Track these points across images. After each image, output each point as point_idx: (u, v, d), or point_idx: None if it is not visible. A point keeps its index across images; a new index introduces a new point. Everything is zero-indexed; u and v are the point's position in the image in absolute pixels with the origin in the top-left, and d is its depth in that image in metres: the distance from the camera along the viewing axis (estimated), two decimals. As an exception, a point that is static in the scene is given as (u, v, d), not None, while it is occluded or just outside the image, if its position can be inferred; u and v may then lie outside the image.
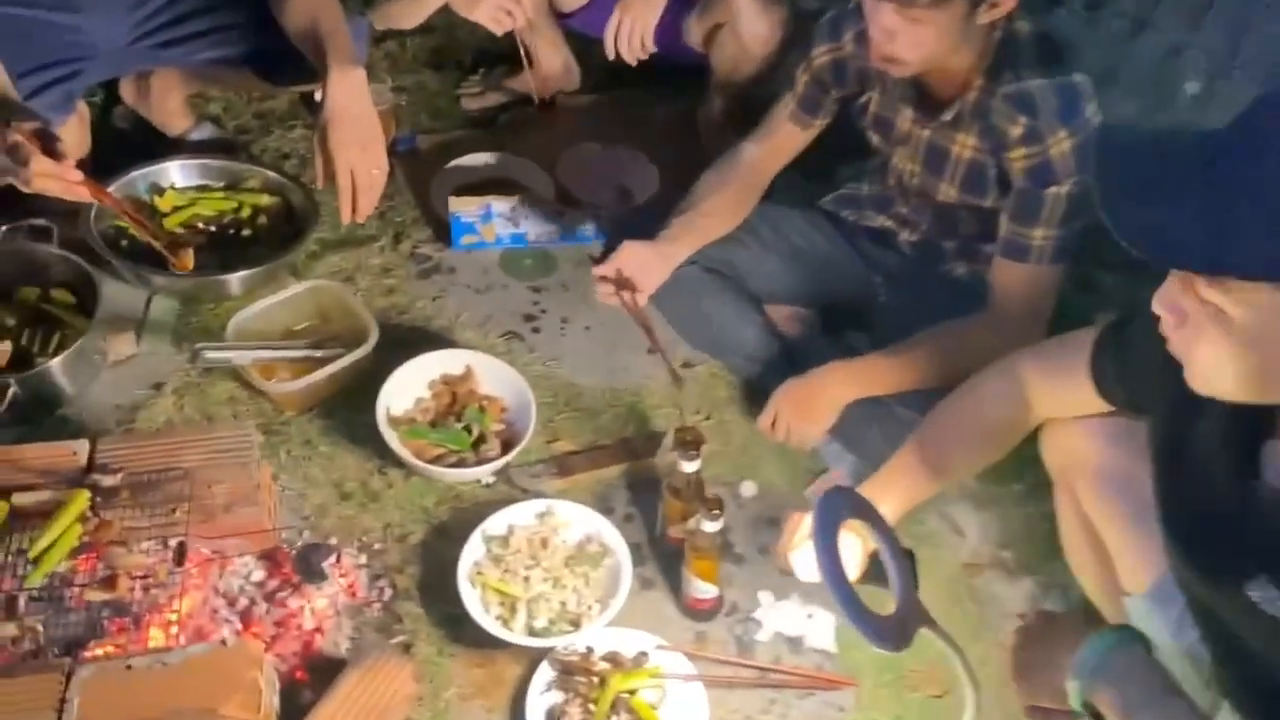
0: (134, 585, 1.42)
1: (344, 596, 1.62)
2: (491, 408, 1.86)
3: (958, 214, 1.80)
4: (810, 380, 1.74)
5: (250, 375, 1.84)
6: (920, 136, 1.76)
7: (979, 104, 1.64)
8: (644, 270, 1.87)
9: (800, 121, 1.92)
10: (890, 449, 1.68)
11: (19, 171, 1.60)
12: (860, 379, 1.71)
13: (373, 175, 1.83)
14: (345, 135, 1.79)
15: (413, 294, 2.11)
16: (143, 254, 2.00)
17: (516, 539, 1.66)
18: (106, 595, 1.39)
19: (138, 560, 1.43)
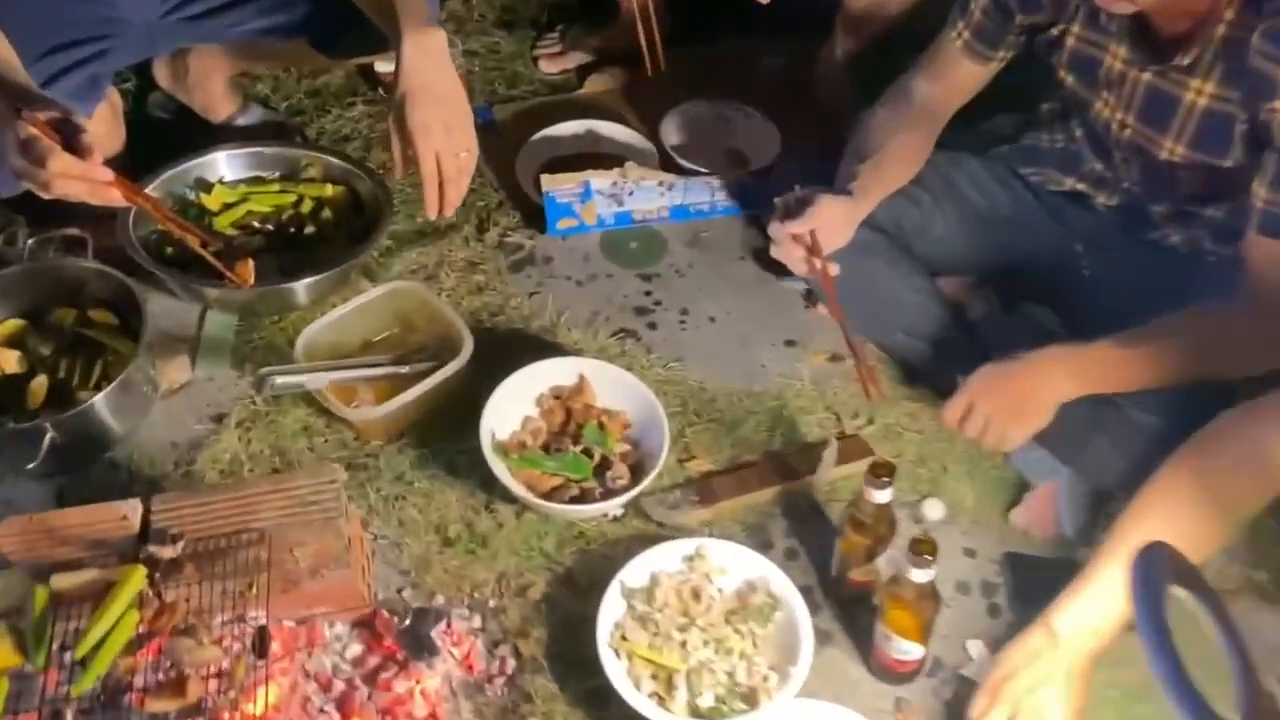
0: (207, 685, 1.13)
1: (459, 671, 1.33)
2: (613, 424, 1.55)
3: (1177, 174, 1.44)
4: (1019, 369, 1.38)
5: (327, 401, 1.55)
6: (1138, 80, 1.39)
7: (1228, 41, 1.28)
8: (832, 231, 1.55)
9: (976, 55, 1.57)
10: (1123, 464, 1.36)
11: (35, 173, 1.31)
12: (1089, 373, 1.36)
13: (461, 159, 1.54)
14: (428, 114, 1.49)
15: (506, 291, 1.80)
16: (193, 262, 1.72)
17: (663, 591, 1.35)
18: (175, 704, 1.10)
19: (210, 654, 1.14)
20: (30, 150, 1.29)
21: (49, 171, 1.30)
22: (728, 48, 2.17)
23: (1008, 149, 1.69)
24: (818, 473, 1.52)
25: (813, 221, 1.51)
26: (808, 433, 1.61)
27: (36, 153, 1.29)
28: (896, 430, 1.60)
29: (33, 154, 1.29)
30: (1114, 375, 1.35)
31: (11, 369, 1.59)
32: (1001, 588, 1.44)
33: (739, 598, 1.36)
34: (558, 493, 1.48)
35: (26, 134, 1.30)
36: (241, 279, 1.51)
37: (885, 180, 1.61)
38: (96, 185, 1.34)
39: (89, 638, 1.13)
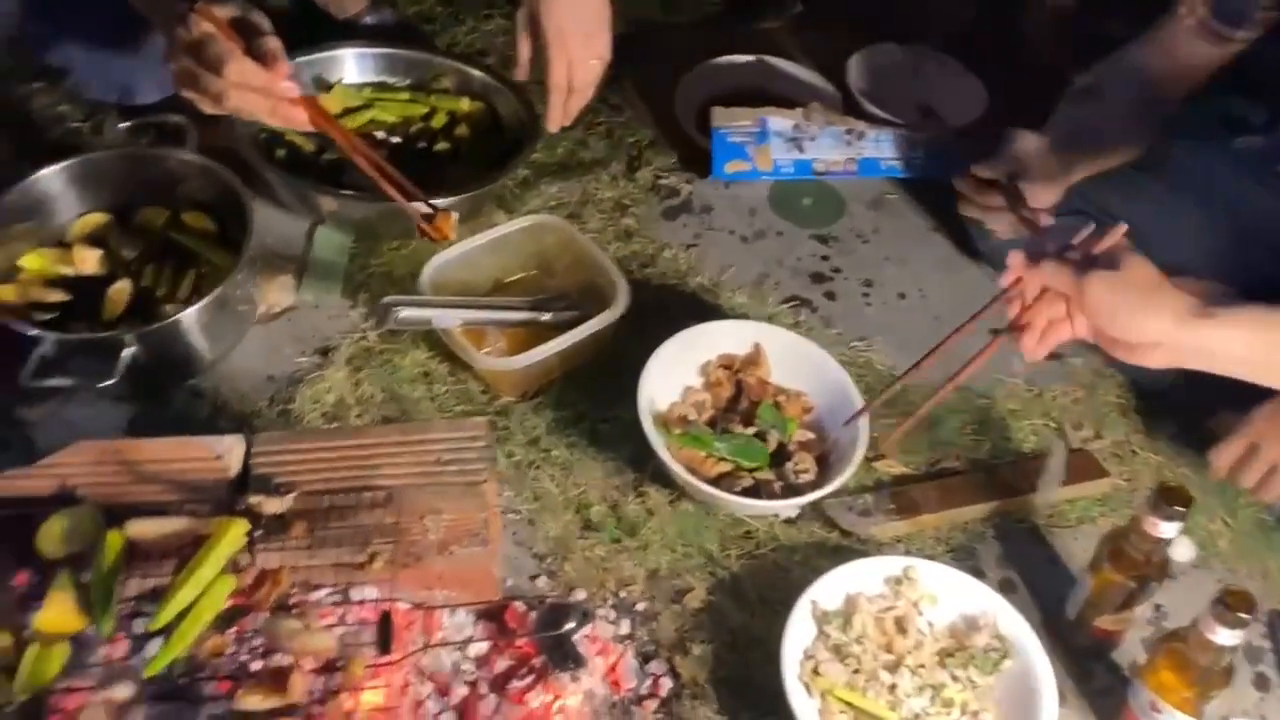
0: (312, 682, 0.88)
1: (603, 687, 1.07)
2: (791, 406, 1.29)
3: None
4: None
5: (456, 344, 1.30)
6: None
7: None
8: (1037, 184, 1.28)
9: (1212, 35, 1.31)
10: None
11: (206, 80, 1.07)
12: None
13: (590, 67, 1.34)
14: (566, 15, 1.30)
15: (659, 239, 1.54)
16: (309, 168, 1.48)
17: (861, 618, 1.09)
18: (272, 702, 0.85)
19: (320, 643, 0.89)
20: (203, 52, 1.06)
21: (225, 79, 1.07)
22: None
23: (1261, 141, 1.41)
24: (1040, 490, 1.25)
25: (1010, 164, 1.24)
26: (1022, 441, 1.34)
27: (211, 55, 1.06)
28: (1131, 449, 1.33)
29: (206, 57, 1.06)
30: None
31: (90, 269, 1.36)
32: (1270, 654, 1.17)
33: (954, 635, 1.10)
34: (725, 481, 1.22)
35: (201, 32, 1.07)
36: (441, 234, 1.27)
37: (1100, 155, 1.36)
38: (279, 102, 1.10)
39: (171, 605, 0.89)
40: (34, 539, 0.94)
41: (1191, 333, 0.93)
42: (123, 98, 1.49)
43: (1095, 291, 0.95)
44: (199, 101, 1.15)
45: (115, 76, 1.48)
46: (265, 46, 1.11)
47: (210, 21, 1.09)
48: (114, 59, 1.46)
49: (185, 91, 1.14)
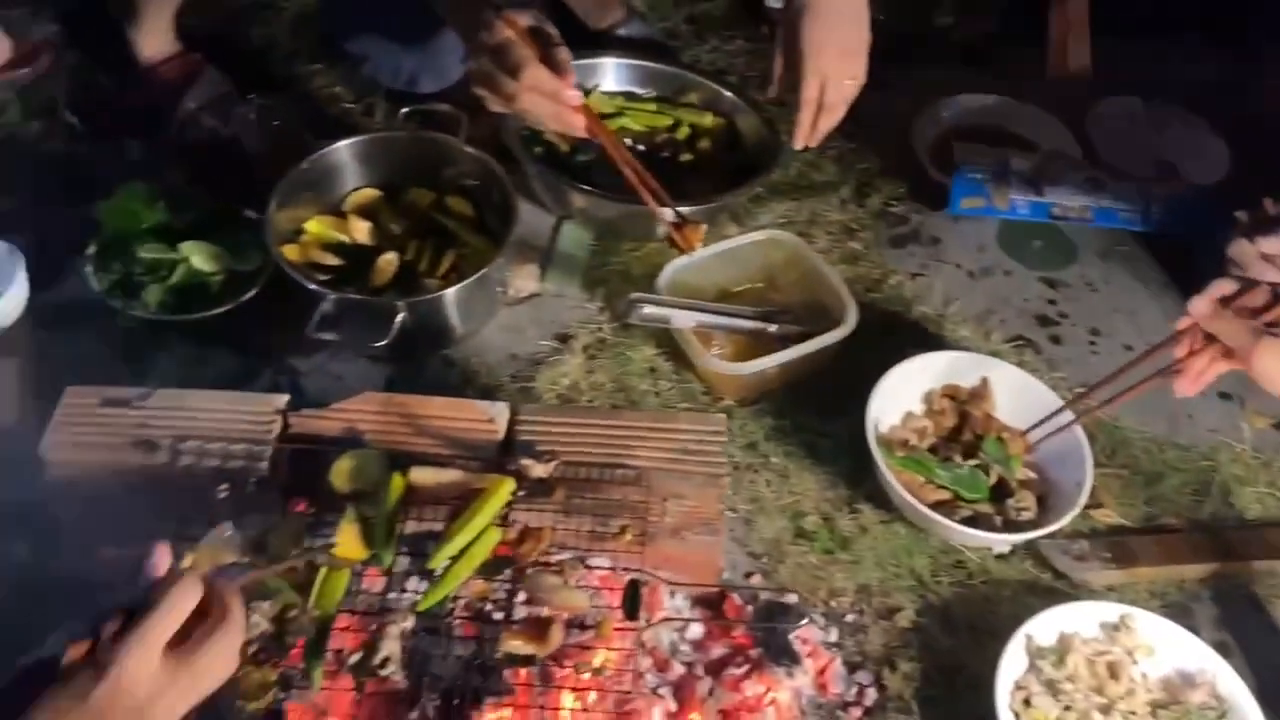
0: (570, 636, 0.95)
1: (811, 688, 1.11)
2: (1014, 443, 1.30)
3: None
4: None
5: (689, 345, 1.37)
6: None
7: None
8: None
9: None
10: None
11: (502, 82, 1.18)
12: None
13: (844, 86, 1.37)
14: (826, 32, 1.34)
15: (884, 266, 1.57)
16: (560, 166, 1.57)
17: (1075, 658, 1.10)
18: (533, 648, 0.93)
19: (575, 600, 0.97)
20: (505, 56, 1.17)
21: (520, 83, 1.17)
22: (1164, 44, 1.87)
23: None
24: (1265, 559, 1.23)
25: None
26: (1245, 508, 1.32)
27: (511, 60, 1.17)
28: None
29: (506, 60, 1.17)
30: None
31: (362, 239, 1.48)
32: None
33: (1168, 689, 1.10)
34: (942, 509, 1.24)
35: (504, 37, 1.17)
36: (689, 244, 1.35)
37: None
38: (562, 108, 1.20)
39: (446, 548, 0.98)
40: (324, 473, 1.04)
41: None
42: (408, 86, 1.63)
43: (1262, 359, 0.98)
44: (489, 99, 1.25)
45: (404, 67, 1.62)
46: (558, 56, 1.20)
47: (511, 29, 1.19)
48: (404, 52, 1.60)
49: (479, 89, 1.24)
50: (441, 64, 1.62)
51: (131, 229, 1.43)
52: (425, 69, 1.61)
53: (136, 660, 0.70)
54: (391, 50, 1.61)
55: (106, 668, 0.70)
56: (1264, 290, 1.07)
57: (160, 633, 0.72)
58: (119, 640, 0.71)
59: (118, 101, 1.66)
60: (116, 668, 0.70)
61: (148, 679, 0.70)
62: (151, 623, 0.71)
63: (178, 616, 0.73)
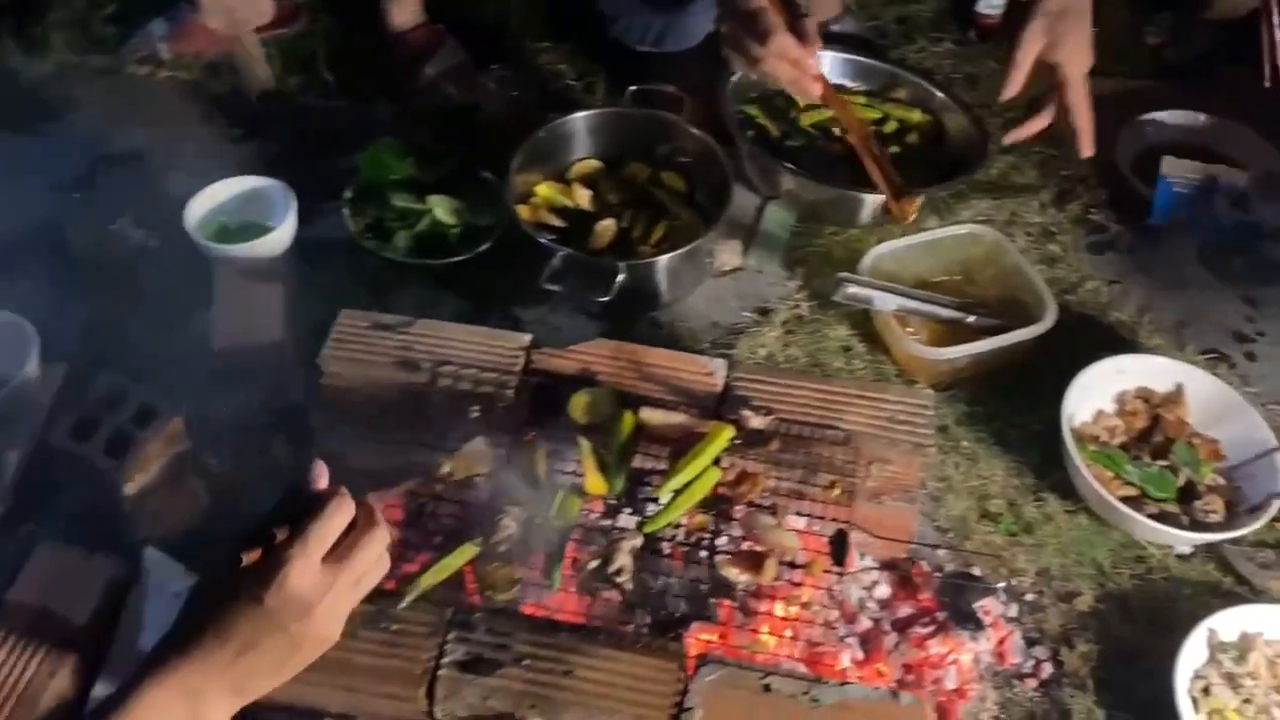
0: (781, 573, 1.04)
1: (990, 656, 1.17)
2: (1205, 450, 1.33)
3: None
4: None
5: (887, 326, 1.44)
6: None
7: None
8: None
9: None
10: None
11: (750, 45, 1.29)
12: None
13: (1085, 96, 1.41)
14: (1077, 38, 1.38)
15: (1082, 270, 1.61)
16: (771, 149, 1.66)
17: (1257, 656, 1.13)
18: (748, 576, 1.02)
19: (788, 540, 1.06)
20: (756, 21, 1.28)
21: (768, 48, 1.28)
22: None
23: None
24: None
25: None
26: None
27: (762, 26, 1.28)
28: None
29: (757, 26, 1.28)
30: None
31: (584, 205, 1.60)
32: None
33: (1349, 697, 1.12)
34: (1131, 505, 1.28)
35: (757, 4, 1.28)
36: (903, 215, 1.44)
37: None
38: (803, 75, 1.31)
39: (671, 481, 1.08)
40: (563, 406, 1.16)
41: None
42: (654, 45, 1.74)
43: None
44: (736, 60, 1.36)
45: (652, 28, 1.73)
46: (806, 27, 1.30)
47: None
48: (653, 12, 1.72)
49: (728, 49, 1.36)
50: (687, 25, 1.72)
51: (383, 179, 1.59)
52: (672, 29, 1.72)
53: (302, 565, 0.73)
54: (641, 10, 1.73)
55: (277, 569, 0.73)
56: None
57: (322, 540, 0.74)
58: (286, 545, 0.74)
59: (370, 63, 1.82)
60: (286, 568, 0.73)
61: (312, 582, 0.73)
62: (314, 530, 0.74)
63: (337, 525, 0.75)
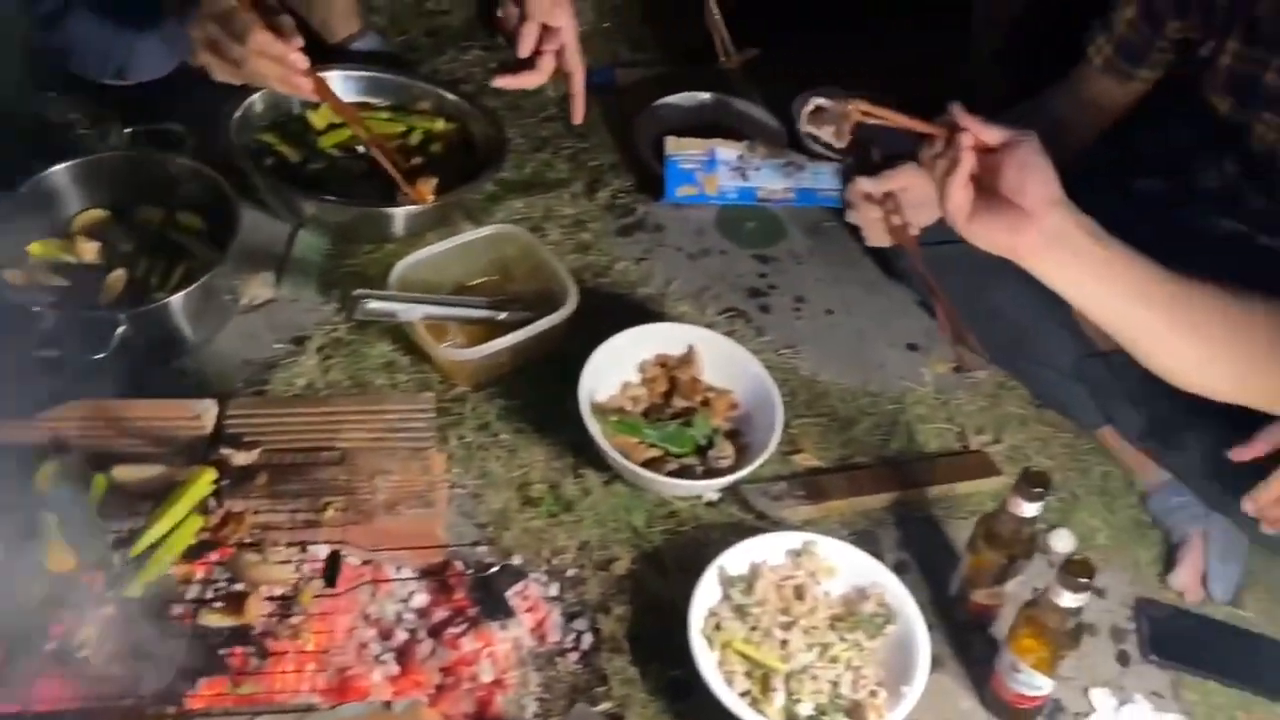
0: (267, 607, 1.01)
1: (530, 639, 1.20)
2: (719, 403, 1.43)
3: None
4: None
5: (418, 336, 1.44)
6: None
7: None
8: (921, 209, 1.41)
9: (1118, 73, 1.45)
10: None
11: (229, 48, 1.23)
12: None
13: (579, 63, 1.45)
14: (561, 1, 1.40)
15: (613, 253, 1.69)
16: (292, 176, 1.62)
17: (763, 584, 1.22)
18: (230, 621, 0.98)
19: (276, 574, 1.03)
20: (230, 23, 1.22)
21: (247, 48, 1.22)
22: (865, 36, 2.05)
23: (1159, 184, 1.56)
24: (937, 484, 1.38)
25: (891, 184, 1.36)
26: (926, 443, 1.48)
27: (236, 26, 1.22)
28: (1024, 454, 1.47)
29: (233, 26, 1.22)
30: None
31: (90, 259, 1.49)
32: (1132, 635, 1.30)
33: (846, 604, 1.23)
34: (654, 465, 1.36)
35: (229, 5, 1.22)
36: (420, 196, 1.42)
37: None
38: (289, 71, 1.26)
39: (147, 536, 1.02)
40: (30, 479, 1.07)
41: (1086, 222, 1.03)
42: (117, 76, 1.60)
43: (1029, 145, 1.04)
44: (216, 67, 1.30)
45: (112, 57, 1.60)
46: (282, 22, 1.27)
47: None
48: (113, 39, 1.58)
49: (205, 57, 1.29)
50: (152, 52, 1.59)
51: None
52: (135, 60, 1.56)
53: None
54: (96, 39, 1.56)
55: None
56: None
57: None
58: None
59: None
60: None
61: None
62: None
63: None
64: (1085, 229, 1.05)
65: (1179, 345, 1.08)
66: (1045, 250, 1.05)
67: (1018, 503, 1.15)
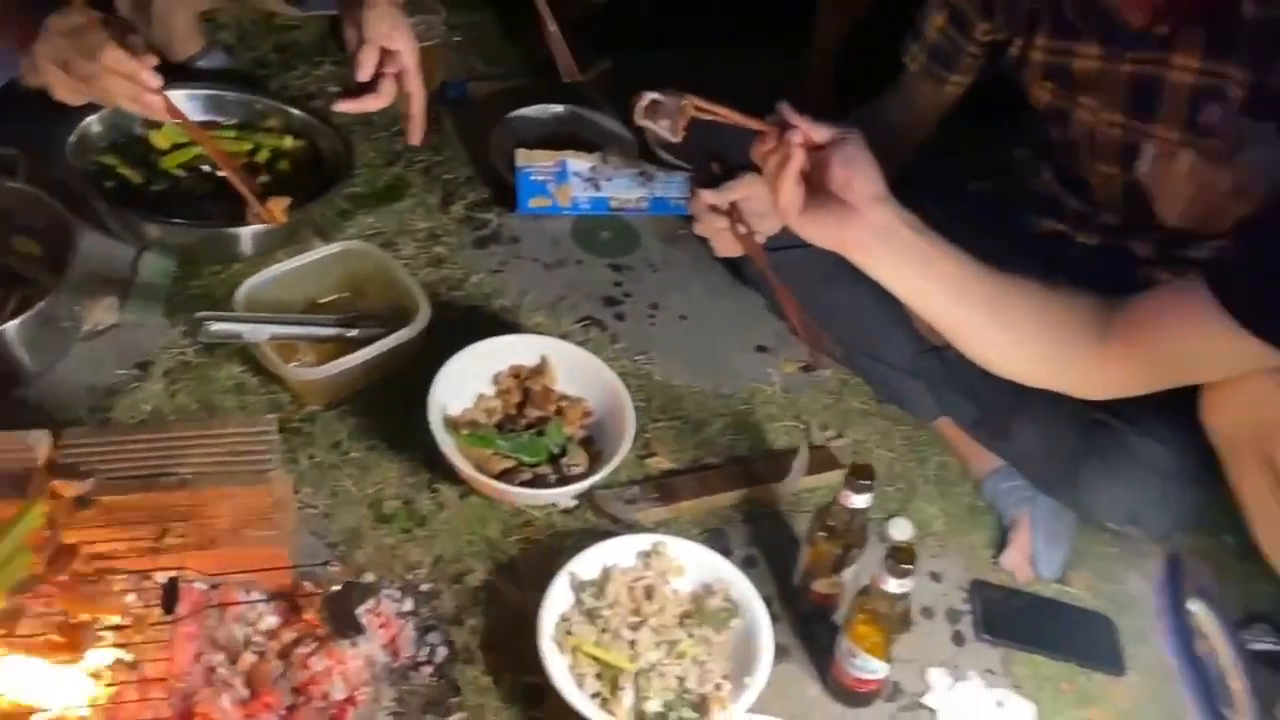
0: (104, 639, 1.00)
1: (383, 655, 1.21)
2: (572, 411, 1.45)
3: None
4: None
5: (265, 356, 1.43)
6: (1117, 73, 1.33)
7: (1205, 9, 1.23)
8: (764, 218, 1.46)
9: (932, 78, 1.53)
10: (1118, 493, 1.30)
11: (80, 65, 1.20)
12: None
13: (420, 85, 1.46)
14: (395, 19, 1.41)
15: (467, 266, 1.70)
16: (132, 197, 1.60)
17: (615, 586, 1.25)
18: (63, 657, 0.97)
19: (113, 604, 1.01)
20: (80, 39, 1.19)
21: (99, 64, 1.19)
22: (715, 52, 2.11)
23: (987, 187, 1.65)
24: (785, 481, 1.44)
25: (733, 194, 1.37)
26: (775, 440, 1.53)
27: (88, 43, 1.19)
28: (867, 447, 1.54)
29: (83, 43, 1.19)
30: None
31: (-84, 293, 1.45)
32: (967, 615, 1.37)
33: (695, 600, 1.27)
34: (508, 476, 1.38)
35: (79, 22, 1.19)
36: (271, 216, 1.41)
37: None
38: (143, 91, 1.24)
39: (-29, 574, 1.00)
40: None
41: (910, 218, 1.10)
42: None
43: (855, 142, 1.10)
44: (60, 85, 1.26)
45: None
46: (133, 41, 1.24)
47: (83, 13, 1.22)
48: None
49: (49, 74, 1.26)
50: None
51: None
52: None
53: None
54: None
55: None
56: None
57: None
58: None
59: None
60: None
61: None
62: None
63: None
64: (908, 224, 1.12)
65: (994, 335, 1.16)
66: (872, 244, 1.12)
67: (847, 495, 1.21)
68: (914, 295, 1.17)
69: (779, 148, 1.14)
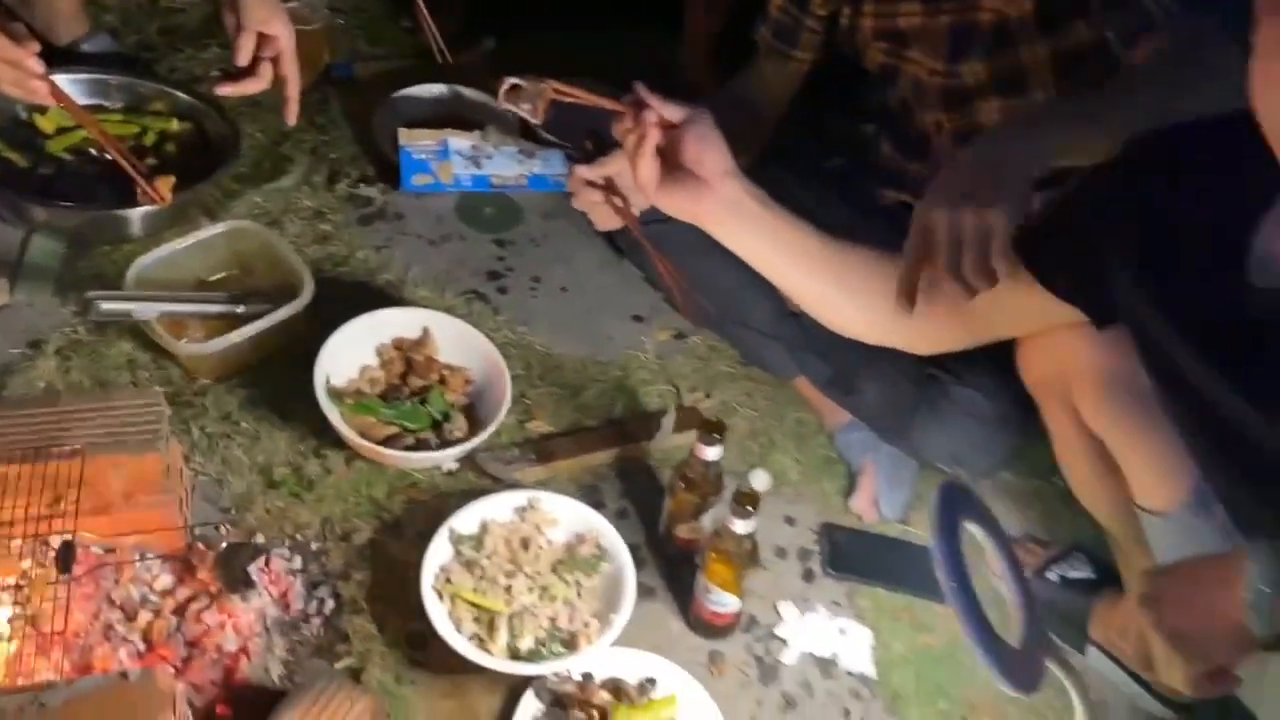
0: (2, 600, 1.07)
1: (274, 609, 1.29)
2: (454, 379, 1.55)
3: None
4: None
5: (156, 333, 1.49)
6: (938, 25, 1.46)
7: None
8: (637, 191, 1.55)
9: (778, 54, 1.63)
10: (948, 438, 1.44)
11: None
12: None
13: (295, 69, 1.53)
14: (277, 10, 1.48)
15: (353, 243, 1.77)
16: (18, 181, 1.63)
17: (492, 539, 1.36)
18: (-40, 615, 1.04)
19: (9, 567, 1.08)
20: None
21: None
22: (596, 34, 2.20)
23: (841, 163, 1.77)
24: (655, 439, 1.55)
25: (608, 169, 1.46)
26: (648, 402, 1.64)
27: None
28: (732, 406, 1.66)
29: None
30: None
31: None
32: (816, 554, 1.50)
33: (567, 549, 1.38)
34: (393, 441, 1.46)
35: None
36: (159, 195, 1.45)
37: None
38: (26, 76, 1.27)
39: None
40: None
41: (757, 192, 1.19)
42: None
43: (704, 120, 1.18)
44: None
45: None
46: (15, 28, 1.28)
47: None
48: None
49: None
50: None
51: None
52: None
53: None
54: None
55: None
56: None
57: None
58: None
59: None
60: None
61: None
62: None
63: None
64: (755, 197, 1.23)
65: (834, 298, 1.28)
66: (723, 216, 1.23)
67: (701, 449, 1.33)
68: (763, 263, 1.28)
69: (636, 127, 1.23)
